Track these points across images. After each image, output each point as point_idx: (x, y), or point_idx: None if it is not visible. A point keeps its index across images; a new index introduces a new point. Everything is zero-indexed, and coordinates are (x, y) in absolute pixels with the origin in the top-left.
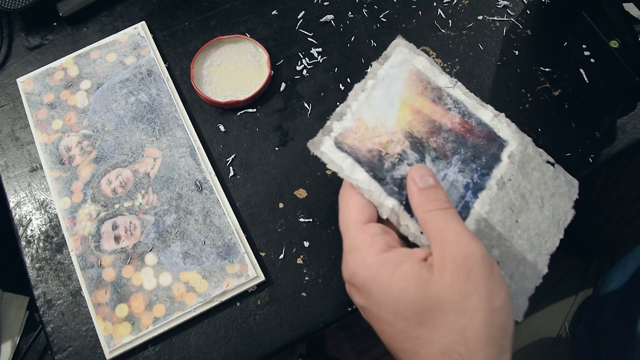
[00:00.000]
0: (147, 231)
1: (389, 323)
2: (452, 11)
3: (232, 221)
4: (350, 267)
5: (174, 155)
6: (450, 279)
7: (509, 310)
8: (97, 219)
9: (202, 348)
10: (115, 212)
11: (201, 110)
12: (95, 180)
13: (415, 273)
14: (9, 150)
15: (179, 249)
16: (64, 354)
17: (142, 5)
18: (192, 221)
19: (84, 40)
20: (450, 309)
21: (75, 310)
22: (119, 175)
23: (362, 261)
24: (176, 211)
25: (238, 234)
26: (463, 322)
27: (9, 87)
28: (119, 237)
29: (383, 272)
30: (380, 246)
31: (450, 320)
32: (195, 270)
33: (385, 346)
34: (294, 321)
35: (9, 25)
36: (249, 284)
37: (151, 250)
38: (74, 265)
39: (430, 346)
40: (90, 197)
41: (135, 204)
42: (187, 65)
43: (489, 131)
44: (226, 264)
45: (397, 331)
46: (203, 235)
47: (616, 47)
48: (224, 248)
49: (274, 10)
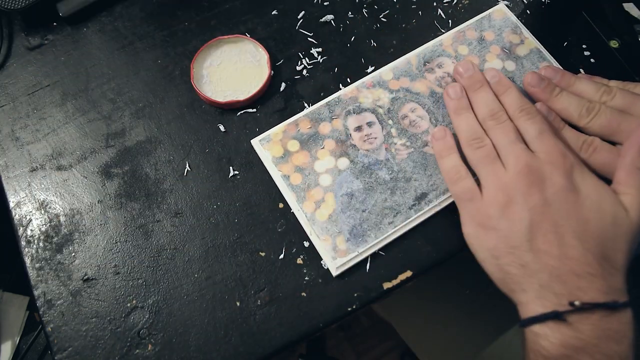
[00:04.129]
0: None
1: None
2: (452, 11)
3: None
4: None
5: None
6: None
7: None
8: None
9: (202, 348)
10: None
11: (201, 110)
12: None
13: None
14: (9, 150)
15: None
16: (64, 354)
17: (142, 5)
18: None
19: (83, 40)
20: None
21: (75, 310)
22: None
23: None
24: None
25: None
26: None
27: (9, 87)
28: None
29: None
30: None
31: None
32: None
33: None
34: (294, 321)
35: (9, 25)
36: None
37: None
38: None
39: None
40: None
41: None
42: (187, 65)
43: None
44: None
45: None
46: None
47: (616, 47)
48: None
49: (274, 10)
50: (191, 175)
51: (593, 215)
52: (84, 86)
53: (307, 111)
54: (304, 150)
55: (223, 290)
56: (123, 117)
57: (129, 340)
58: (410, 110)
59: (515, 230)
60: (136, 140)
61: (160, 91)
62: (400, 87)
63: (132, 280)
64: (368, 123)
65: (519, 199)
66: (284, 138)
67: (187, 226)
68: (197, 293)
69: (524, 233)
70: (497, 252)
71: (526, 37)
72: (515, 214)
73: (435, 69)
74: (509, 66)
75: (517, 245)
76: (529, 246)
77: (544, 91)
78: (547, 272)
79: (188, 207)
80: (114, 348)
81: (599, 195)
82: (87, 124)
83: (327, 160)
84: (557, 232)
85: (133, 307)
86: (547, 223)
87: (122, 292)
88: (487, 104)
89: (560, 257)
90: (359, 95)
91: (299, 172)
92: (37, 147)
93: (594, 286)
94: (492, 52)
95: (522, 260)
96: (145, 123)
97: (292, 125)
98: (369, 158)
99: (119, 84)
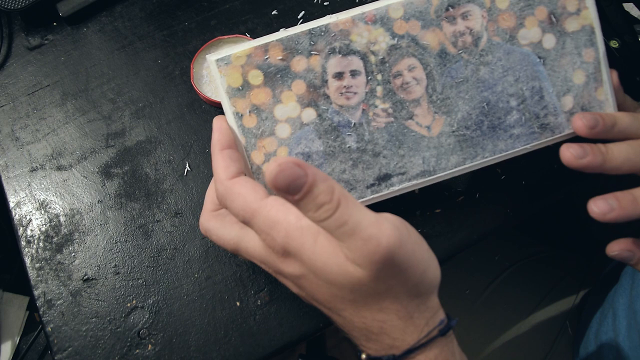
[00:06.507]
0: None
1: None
2: None
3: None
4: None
5: None
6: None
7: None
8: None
9: (202, 348)
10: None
11: (201, 110)
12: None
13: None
14: (9, 150)
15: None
16: (64, 354)
17: (142, 5)
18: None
19: (83, 40)
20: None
21: (75, 310)
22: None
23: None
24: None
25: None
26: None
27: (9, 87)
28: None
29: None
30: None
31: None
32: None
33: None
34: (294, 321)
35: (9, 25)
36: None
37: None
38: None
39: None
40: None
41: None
42: (187, 65)
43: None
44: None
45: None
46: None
47: (616, 47)
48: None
49: (274, 10)
50: (191, 175)
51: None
52: (84, 86)
53: (283, 35)
54: (267, 87)
55: (223, 290)
56: (123, 117)
57: (129, 340)
58: (408, 67)
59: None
60: (136, 140)
61: (160, 91)
62: (407, 33)
63: (132, 280)
64: (352, 72)
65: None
66: (247, 65)
67: (187, 226)
68: (197, 293)
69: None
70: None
71: (587, 6)
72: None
73: (457, 19)
74: (547, 41)
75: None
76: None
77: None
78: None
79: (188, 207)
80: (114, 348)
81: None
82: (87, 124)
83: (291, 106)
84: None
85: (133, 307)
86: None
87: (122, 292)
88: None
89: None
90: (353, 29)
91: (256, 113)
92: (37, 147)
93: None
94: (537, 15)
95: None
96: (145, 123)
97: (260, 50)
98: (340, 117)
99: (119, 84)
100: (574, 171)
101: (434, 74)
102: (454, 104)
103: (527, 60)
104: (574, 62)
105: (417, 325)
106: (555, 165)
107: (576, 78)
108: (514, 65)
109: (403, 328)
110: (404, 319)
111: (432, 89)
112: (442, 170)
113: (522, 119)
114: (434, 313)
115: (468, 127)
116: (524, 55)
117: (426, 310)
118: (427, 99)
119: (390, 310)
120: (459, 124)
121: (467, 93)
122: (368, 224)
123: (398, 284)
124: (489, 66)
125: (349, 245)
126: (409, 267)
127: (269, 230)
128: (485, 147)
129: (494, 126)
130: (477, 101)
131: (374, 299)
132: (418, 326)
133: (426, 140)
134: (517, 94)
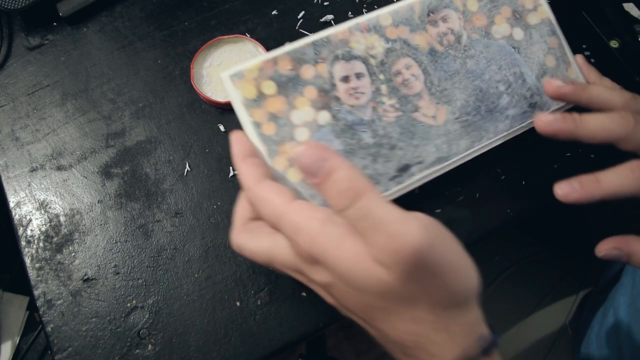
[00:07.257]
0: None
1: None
2: None
3: None
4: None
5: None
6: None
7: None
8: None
9: (202, 348)
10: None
11: (201, 110)
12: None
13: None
14: (9, 150)
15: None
16: (64, 354)
17: (142, 5)
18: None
19: (83, 40)
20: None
21: (75, 310)
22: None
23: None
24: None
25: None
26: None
27: (9, 87)
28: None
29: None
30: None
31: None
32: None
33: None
34: (294, 321)
35: (9, 25)
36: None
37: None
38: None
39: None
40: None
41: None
42: (187, 65)
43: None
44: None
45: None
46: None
47: (616, 47)
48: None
49: (274, 10)
50: (191, 175)
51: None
52: (84, 86)
53: (289, 48)
54: (281, 95)
55: (223, 290)
56: (123, 117)
57: (129, 340)
58: (405, 66)
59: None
60: (136, 140)
61: (160, 91)
62: (398, 37)
63: (132, 280)
64: (357, 74)
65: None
66: (260, 77)
67: (187, 226)
68: (197, 293)
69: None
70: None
71: (540, 3)
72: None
73: (439, 22)
74: (517, 34)
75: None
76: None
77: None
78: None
79: (188, 207)
80: (114, 348)
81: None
82: (87, 124)
83: (305, 111)
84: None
85: (133, 307)
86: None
87: (122, 292)
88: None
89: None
90: (351, 38)
91: (273, 120)
92: (37, 147)
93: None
94: (503, 13)
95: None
96: (145, 123)
97: (270, 63)
98: (353, 116)
99: (119, 84)
100: (574, 172)
101: (429, 69)
102: (451, 94)
103: (505, 51)
104: (543, 49)
105: (455, 340)
106: (555, 165)
107: (548, 61)
108: (494, 56)
109: (440, 342)
110: (440, 331)
111: (430, 83)
112: (455, 155)
113: (513, 101)
114: (474, 326)
115: (468, 113)
116: (501, 47)
117: (465, 323)
118: (427, 92)
119: (424, 321)
120: (460, 110)
121: (461, 83)
122: (393, 219)
123: (430, 290)
124: (473, 59)
125: (373, 241)
126: (443, 272)
127: (294, 236)
128: (488, 129)
129: (490, 110)
130: (471, 89)
131: (406, 307)
132: (456, 341)
133: (434, 128)
134: (503, 80)
